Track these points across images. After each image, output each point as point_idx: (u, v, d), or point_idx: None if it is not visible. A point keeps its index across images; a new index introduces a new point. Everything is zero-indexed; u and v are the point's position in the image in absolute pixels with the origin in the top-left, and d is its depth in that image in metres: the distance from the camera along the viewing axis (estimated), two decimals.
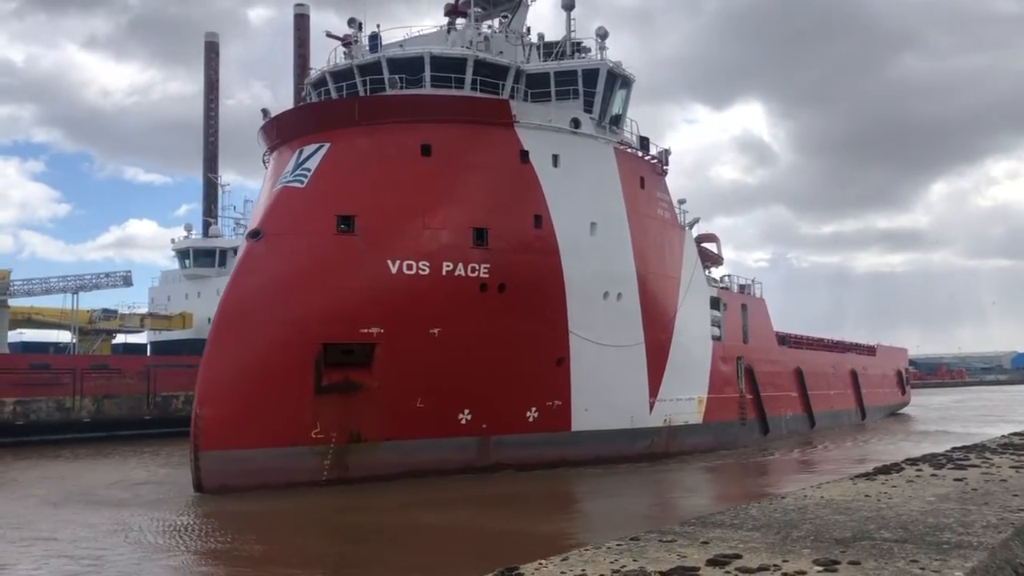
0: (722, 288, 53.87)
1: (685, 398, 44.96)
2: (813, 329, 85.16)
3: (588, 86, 40.31)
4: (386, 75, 37.90)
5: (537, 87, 40.16)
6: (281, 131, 38.20)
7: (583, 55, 41.99)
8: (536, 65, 40.80)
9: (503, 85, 39.10)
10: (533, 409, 37.10)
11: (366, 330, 32.89)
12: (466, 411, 35.20)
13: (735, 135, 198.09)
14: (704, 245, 53.95)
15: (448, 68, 38.05)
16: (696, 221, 51.49)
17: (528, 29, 45.17)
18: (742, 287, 57.48)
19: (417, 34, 40.01)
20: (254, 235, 33.33)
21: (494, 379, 35.43)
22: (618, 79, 41.59)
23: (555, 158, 38.05)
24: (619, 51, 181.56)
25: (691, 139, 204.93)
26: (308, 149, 36.19)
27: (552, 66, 40.65)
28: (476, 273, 34.94)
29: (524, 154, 37.28)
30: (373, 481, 32.53)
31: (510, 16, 45.08)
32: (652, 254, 42.58)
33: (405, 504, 30.39)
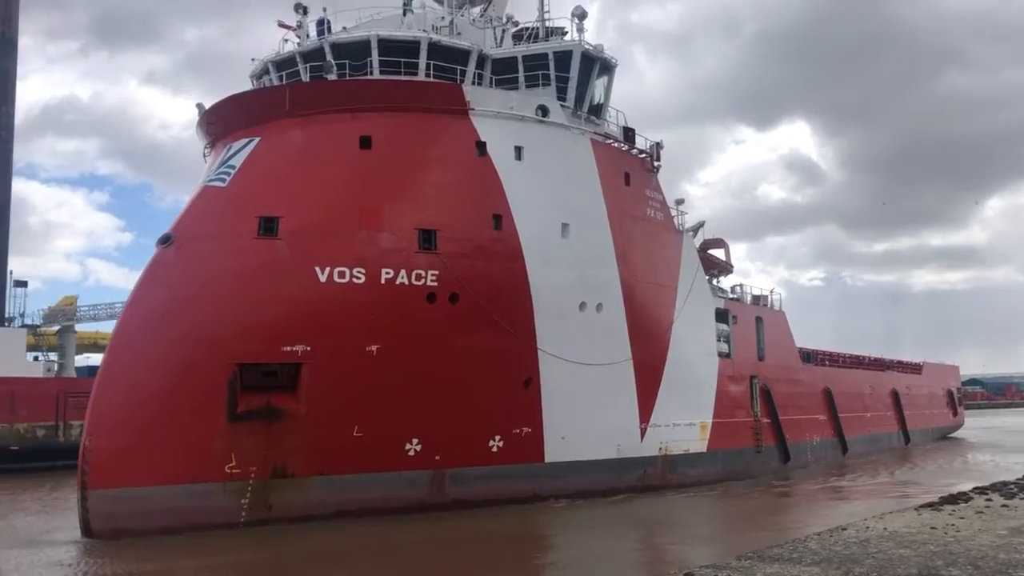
0: (731, 299, 48.49)
1: (685, 423, 39.71)
2: (871, 349, 78.91)
3: (560, 71, 35.70)
4: (331, 62, 33.72)
5: (504, 73, 35.66)
6: (213, 125, 34.21)
7: (559, 39, 37.35)
8: (502, 50, 36.32)
9: (464, 72, 34.67)
10: (497, 437, 32.27)
11: (289, 348, 28.45)
12: (414, 440, 30.52)
13: (782, 155, 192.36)
14: (710, 252, 48.74)
15: (400, 53, 33.75)
16: (701, 225, 46.51)
17: (509, 17, 40.82)
18: (756, 298, 51.96)
19: (370, 19, 35.79)
20: (164, 241, 29.19)
21: (447, 404, 30.75)
22: (596, 63, 36.91)
23: (518, 150, 33.42)
24: (658, 75, 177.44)
25: (738, 159, 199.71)
26: (237, 144, 32.10)
27: (520, 50, 36.15)
28: (422, 281, 30.36)
29: (481, 146, 32.69)
30: (302, 523, 28.05)
31: (489, 2, 40.85)
32: (640, 259, 37.61)
33: (340, 552, 25.97)
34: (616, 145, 37.67)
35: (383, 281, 29.74)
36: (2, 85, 66.00)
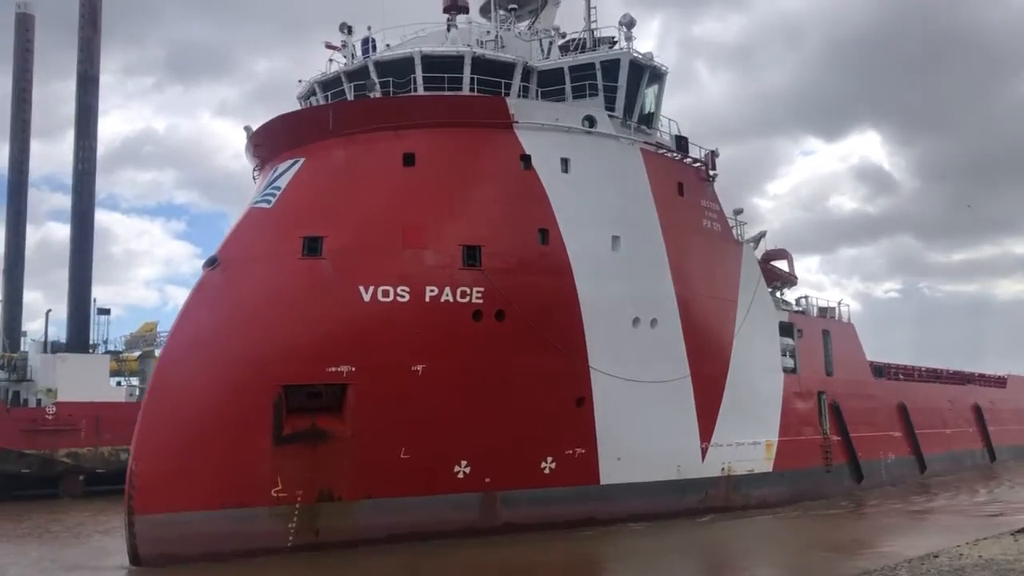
0: (796, 312, 46.59)
1: (749, 442, 38.07)
2: (952, 362, 75.51)
3: (608, 80, 34.72)
4: (375, 80, 33.47)
5: (551, 85, 34.86)
6: (260, 148, 34.23)
7: (607, 49, 36.41)
8: (548, 61, 35.56)
9: (509, 85, 34.02)
10: (549, 459, 31.23)
11: (334, 369, 27.97)
12: (463, 463, 29.70)
13: (853, 165, 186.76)
14: (773, 263, 46.96)
15: (443, 68, 33.25)
16: (762, 235, 44.76)
17: (556, 29, 40.10)
18: (823, 310, 49.86)
19: (415, 36, 35.45)
20: (210, 263, 29.12)
21: (496, 424, 29.88)
22: (645, 71, 35.83)
23: (565, 162, 32.52)
24: (721, 87, 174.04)
25: (807, 171, 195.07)
26: (283, 166, 32.00)
27: (567, 61, 35.30)
28: (467, 298, 29.63)
29: (526, 159, 31.92)
30: (351, 547, 27.48)
31: (536, 15, 40.22)
32: (696, 272, 36.27)
33: None
34: (668, 155, 36.50)
35: (427, 299, 29.11)
36: (85, 121, 68.58)
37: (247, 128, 34.72)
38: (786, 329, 43.11)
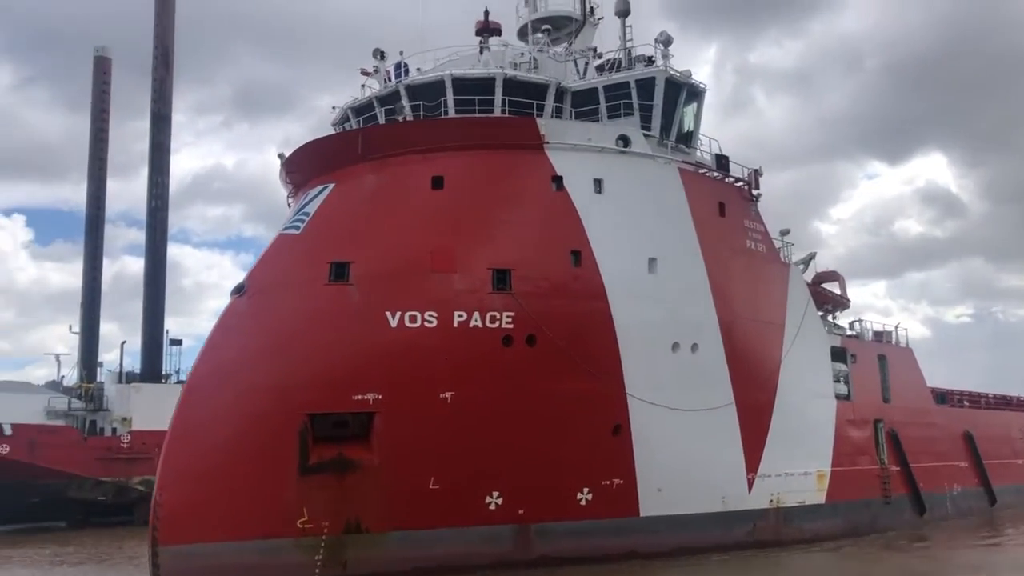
0: (849, 336, 44.63)
1: (799, 472, 36.34)
2: None
3: (643, 99, 33.82)
4: (405, 104, 33.17)
5: (585, 105, 34.17)
6: (293, 174, 34.15)
7: (643, 67, 35.53)
8: (583, 81, 34.86)
9: (543, 107, 33.39)
10: (585, 490, 30.10)
11: (360, 397, 27.37)
12: (495, 493, 28.74)
13: (918, 187, 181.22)
14: (824, 286, 45.20)
15: (475, 91, 32.77)
16: (812, 257, 43.27)
17: (593, 50, 39.47)
18: (879, 335, 47.74)
19: (448, 60, 35.09)
20: (237, 290, 28.91)
21: (529, 454, 28.90)
22: (682, 89, 34.86)
23: (598, 183, 31.62)
24: (780, 113, 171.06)
25: (871, 195, 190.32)
26: (313, 192, 31.81)
27: (601, 80, 34.53)
28: (497, 323, 28.82)
29: (557, 180, 31.14)
30: None
31: (574, 36, 39.63)
32: (740, 295, 34.90)
33: None
34: (708, 174, 35.37)
35: (456, 324, 28.39)
36: (158, 158, 70.89)
37: (280, 155, 34.67)
38: (838, 354, 41.28)
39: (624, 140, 32.22)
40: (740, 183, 36.56)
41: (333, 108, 36.25)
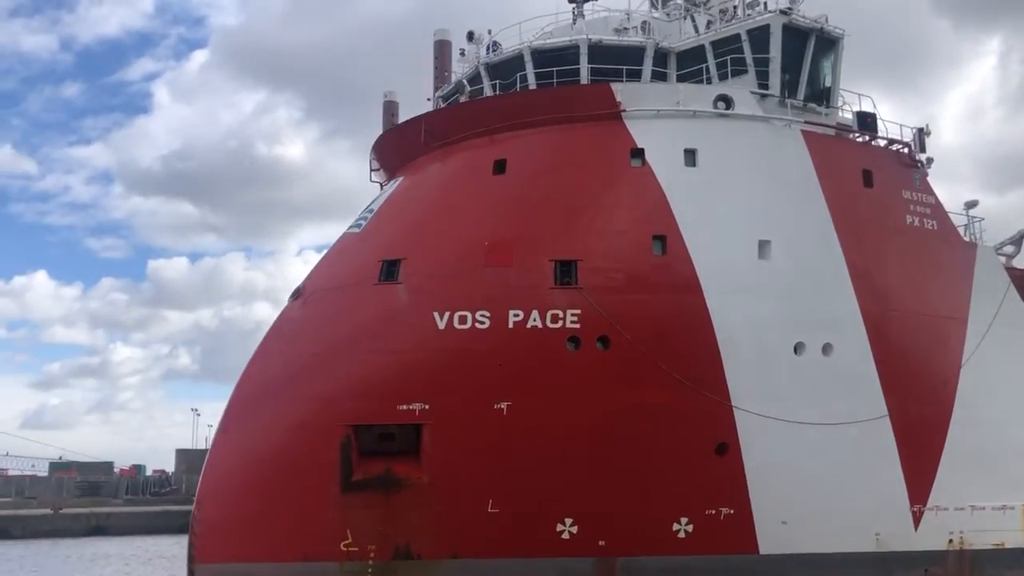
0: None
1: (995, 506, 28.75)
2: None
3: (758, 52, 28.31)
4: (485, 83, 30.23)
5: (692, 66, 29.27)
6: (376, 173, 32.38)
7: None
8: (687, 40, 29.93)
9: (640, 72, 28.99)
10: (684, 520, 25.25)
11: (405, 407, 24.57)
12: (568, 520, 24.78)
13: None
14: None
15: (558, 62, 29.09)
16: (1022, 235, 34.62)
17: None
18: None
19: (542, 32, 31.53)
20: (294, 295, 27.35)
21: (609, 475, 24.72)
22: (809, 38, 28.84)
23: (690, 154, 26.58)
24: None
25: None
26: (388, 187, 29.81)
27: (708, 36, 29.40)
28: (560, 323, 24.86)
29: (637, 153, 26.56)
30: None
31: None
32: (896, 282, 28.14)
33: None
34: (845, 136, 28.99)
35: (511, 325, 24.83)
36: None
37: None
38: None
39: (725, 101, 27.00)
40: (900, 147, 29.67)
41: (429, 99, 34.02)
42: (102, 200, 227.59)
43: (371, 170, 32.50)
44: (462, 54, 32.17)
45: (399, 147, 29.91)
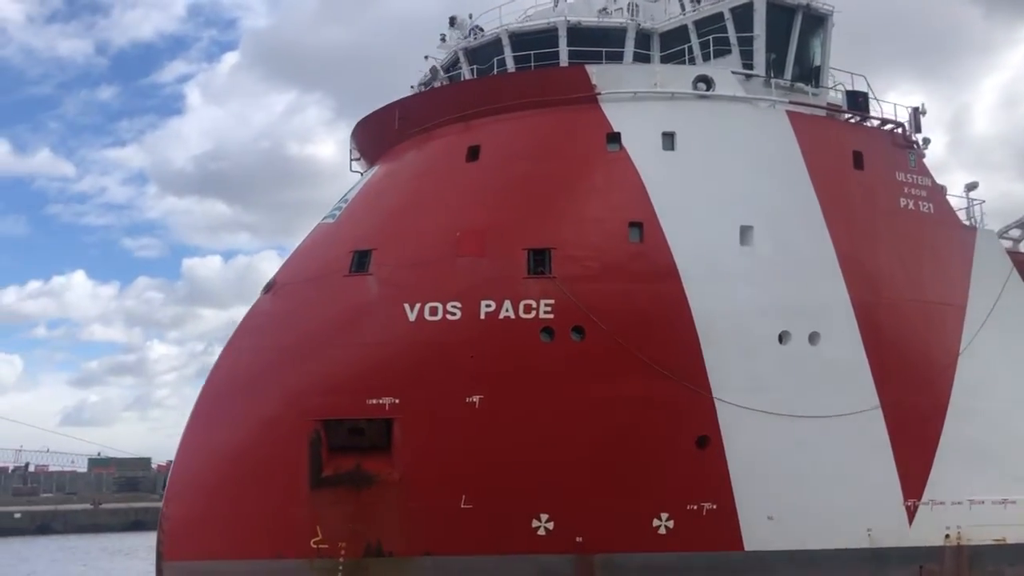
0: None
1: (996, 500, 27.62)
2: None
3: (742, 31, 27.33)
4: (464, 69, 29.50)
5: (674, 46, 28.35)
6: (357, 163, 31.75)
7: None
8: (670, 20, 28.98)
9: (622, 55, 28.13)
10: (664, 515, 24.44)
11: (375, 401, 23.96)
12: (543, 516, 24.06)
13: None
14: None
15: (536, 45, 28.31)
16: None
17: None
18: None
19: (525, 15, 30.69)
20: (266, 288, 26.82)
21: (585, 470, 23.97)
22: (796, 15, 27.82)
23: (668, 137, 25.65)
24: None
25: None
26: (365, 176, 29.26)
27: (690, 16, 28.45)
28: (533, 313, 24.10)
29: (613, 137, 25.70)
30: None
31: None
32: (889, 268, 27.10)
33: None
34: (835, 117, 27.92)
35: (483, 316, 24.12)
36: None
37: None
38: None
39: (705, 82, 26.04)
40: (890, 127, 28.55)
41: (412, 87, 33.28)
42: (137, 200, 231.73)
43: (351, 159, 31.83)
44: (443, 40, 31.36)
45: (376, 135, 29.25)
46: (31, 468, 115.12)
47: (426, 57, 31.67)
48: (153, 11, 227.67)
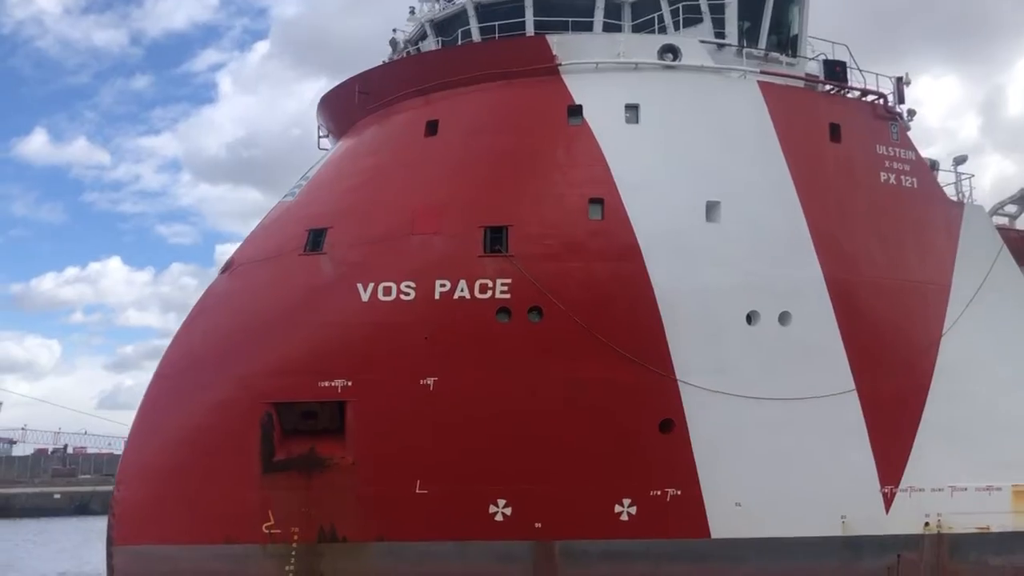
0: None
1: (979, 487, 26.56)
2: None
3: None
4: (431, 41, 28.66)
5: (645, 15, 27.29)
6: (324, 138, 30.99)
7: None
8: None
9: (591, 25, 27.11)
10: (626, 501, 23.68)
11: (327, 383, 23.36)
12: (500, 502, 23.40)
13: None
14: None
15: (503, 16, 27.34)
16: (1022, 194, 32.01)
17: None
18: None
19: None
20: (224, 268, 26.26)
21: (544, 454, 23.28)
22: None
23: (632, 110, 24.70)
24: None
25: None
26: (327, 153, 28.56)
27: None
28: (489, 293, 23.33)
29: (575, 110, 24.75)
30: None
31: None
32: (867, 246, 25.99)
33: None
34: (812, 88, 26.77)
35: (437, 296, 23.41)
36: None
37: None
38: None
39: (672, 52, 25.01)
40: (870, 98, 27.34)
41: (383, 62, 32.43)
42: (171, 188, 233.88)
43: (319, 136, 31.10)
44: (411, 12, 30.48)
45: (339, 110, 28.50)
46: (70, 450, 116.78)
47: (394, 30, 30.76)
48: (185, 1, 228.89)
